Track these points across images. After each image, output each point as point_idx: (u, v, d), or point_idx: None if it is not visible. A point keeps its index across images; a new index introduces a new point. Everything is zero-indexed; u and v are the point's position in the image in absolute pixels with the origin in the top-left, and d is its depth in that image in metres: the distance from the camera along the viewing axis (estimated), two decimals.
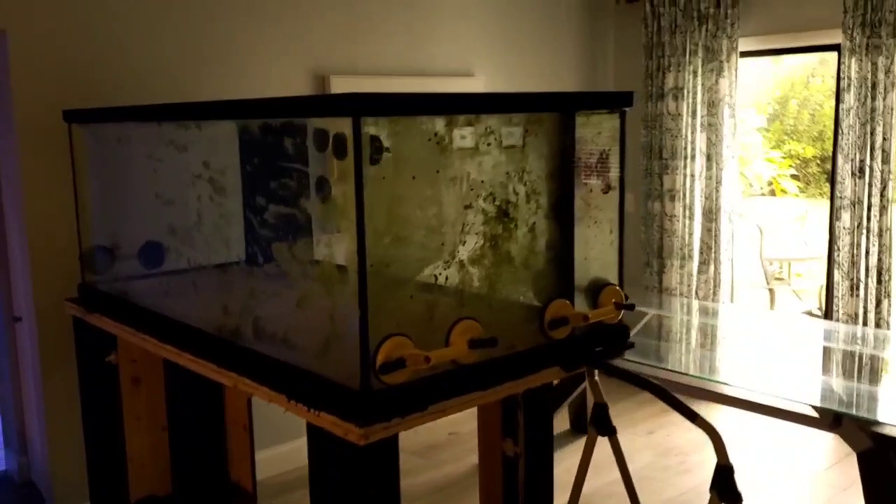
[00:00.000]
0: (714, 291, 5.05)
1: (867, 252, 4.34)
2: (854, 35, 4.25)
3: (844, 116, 4.39)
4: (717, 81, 4.86)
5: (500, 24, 4.87)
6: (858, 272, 4.38)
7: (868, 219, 4.32)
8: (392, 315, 1.81)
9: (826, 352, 3.92)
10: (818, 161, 12.85)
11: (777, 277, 7.46)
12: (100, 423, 3.21)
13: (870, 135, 4.27)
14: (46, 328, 3.42)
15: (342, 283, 1.85)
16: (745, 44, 4.82)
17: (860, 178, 4.32)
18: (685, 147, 5.01)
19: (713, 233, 5.02)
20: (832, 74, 4.15)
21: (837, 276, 4.49)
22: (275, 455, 4.03)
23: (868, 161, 4.29)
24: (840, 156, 4.42)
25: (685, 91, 4.97)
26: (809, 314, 6.20)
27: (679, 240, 5.10)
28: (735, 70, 4.82)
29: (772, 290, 7.00)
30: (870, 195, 4.31)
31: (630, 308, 2.25)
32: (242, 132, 2.40)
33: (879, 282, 4.32)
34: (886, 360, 3.77)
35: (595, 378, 2.27)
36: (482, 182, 1.95)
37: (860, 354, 3.83)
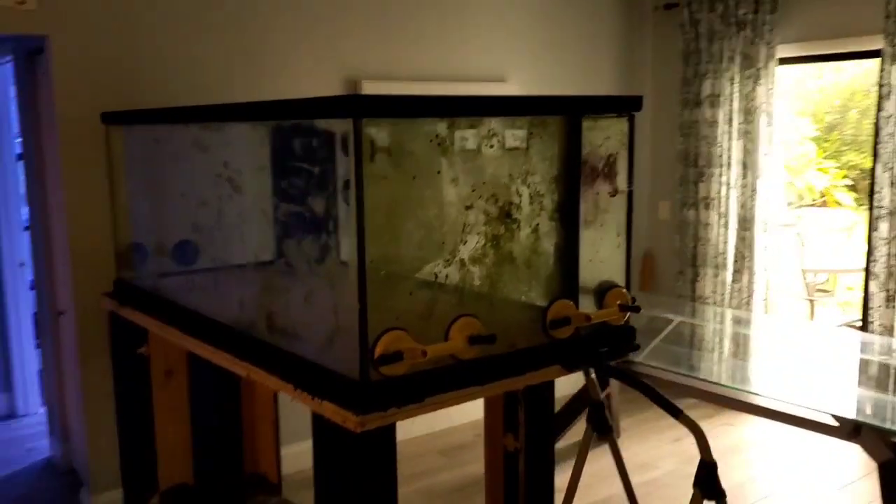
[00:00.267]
0: (747, 301, 5.00)
1: None
2: None
3: (884, 124, 4.32)
4: (755, 89, 4.82)
5: (535, 30, 4.91)
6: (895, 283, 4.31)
7: None
8: (392, 310, 1.87)
9: (854, 362, 3.86)
10: None
11: (820, 289, 7.33)
12: (132, 414, 3.33)
13: None
14: (85, 322, 3.57)
15: (346, 279, 1.92)
16: (784, 50, 4.77)
17: None
18: (721, 155, 4.98)
19: (747, 242, 4.98)
20: None
21: (874, 287, 4.42)
22: (303, 450, 4.12)
23: None
24: (879, 165, 4.35)
25: (722, 98, 4.94)
26: (849, 326, 6.08)
27: (713, 248, 5.07)
28: (773, 77, 4.78)
29: (811, 302, 6.89)
30: None
31: (636, 310, 2.27)
32: (273, 134, 2.49)
33: None
34: None
35: (592, 377, 2.30)
36: (484, 183, 2.01)
37: (890, 366, 3.76)
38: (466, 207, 1.99)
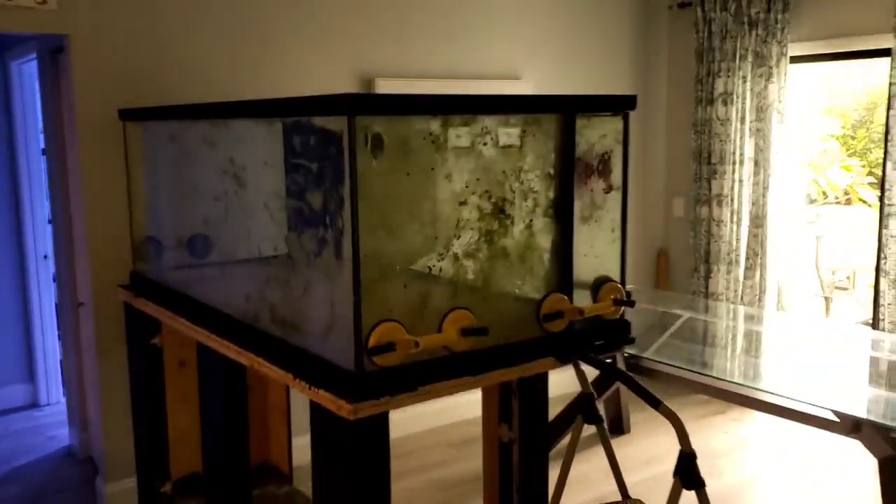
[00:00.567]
0: (759, 297, 5.02)
1: None
2: None
3: (894, 122, 4.32)
4: (767, 87, 4.83)
5: (550, 28, 4.95)
6: None
7: None
8: (386, 303, 1.94)
9: (861, 359, 3.87)
10: None
11: (838, 287, 7.30)
12: (146, 403, 3.42)
13: None
14: (103, 313, 3.66)
15: (341, 273, 1.98)
16: (796, 49, 4.78)
17: None
18: (734, 152, 5.00)
19: (760, 238, 4.99)
20: None
21: (884, 285, 4.42)
22: None
23: None
24: (889, 162, 4.35)
25: (734, 96, 4.96)
26: (865, 324, 6.06)
27: (726, 245, 5.09)
28: (784, 75, 4.78)
29: (827, 299, 6.87)
30: None
31: (629, 304, 2.32)
32: (275, 131, 2.56)
33: None
34: None
35: (581, 369, 2.35)
36: (478, 180, 2.06)
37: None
38: (460, 203, 2.05)
